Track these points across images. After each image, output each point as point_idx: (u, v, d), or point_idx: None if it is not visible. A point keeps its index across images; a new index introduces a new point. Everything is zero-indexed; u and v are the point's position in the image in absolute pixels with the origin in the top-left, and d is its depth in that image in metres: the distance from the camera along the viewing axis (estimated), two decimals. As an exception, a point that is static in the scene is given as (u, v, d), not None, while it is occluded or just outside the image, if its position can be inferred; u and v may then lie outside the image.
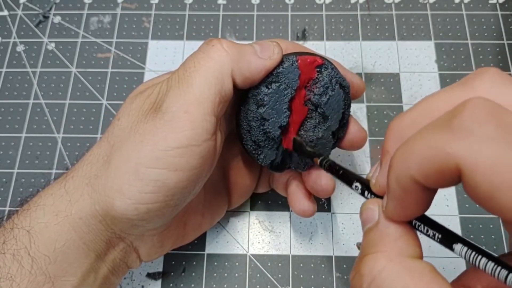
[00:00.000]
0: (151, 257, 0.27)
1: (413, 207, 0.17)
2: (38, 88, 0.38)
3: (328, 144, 0.27)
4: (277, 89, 0.25)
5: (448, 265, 0.31)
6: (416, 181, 0.16)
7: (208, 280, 0.32)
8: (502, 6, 0.40)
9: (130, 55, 0.39)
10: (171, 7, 0.41)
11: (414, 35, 0.39)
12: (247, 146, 0.26)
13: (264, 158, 0.27)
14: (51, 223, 0.23)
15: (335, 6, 0.41)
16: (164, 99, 0.23)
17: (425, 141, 0.16)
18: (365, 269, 0.17)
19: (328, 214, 0.33)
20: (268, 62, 0.24)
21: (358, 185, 0.21)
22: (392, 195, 0.17)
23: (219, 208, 0.30)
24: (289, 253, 0.32)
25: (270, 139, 0.26)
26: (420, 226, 0.18)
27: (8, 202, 0.34)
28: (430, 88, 0.37)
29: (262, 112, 0.25)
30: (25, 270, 0.22)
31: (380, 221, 0.18)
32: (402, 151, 0.17)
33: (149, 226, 0.24)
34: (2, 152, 0.36)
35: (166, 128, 0.22)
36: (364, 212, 0.19)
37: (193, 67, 0.23)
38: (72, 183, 0.24)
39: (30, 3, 0.41)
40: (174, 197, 0.23)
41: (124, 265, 0.26)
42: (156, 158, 0.22)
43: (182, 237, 0.28)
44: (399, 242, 0.18)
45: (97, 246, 0.23)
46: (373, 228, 0.18)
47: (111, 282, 0.25)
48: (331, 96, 0.26)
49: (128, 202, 0.22)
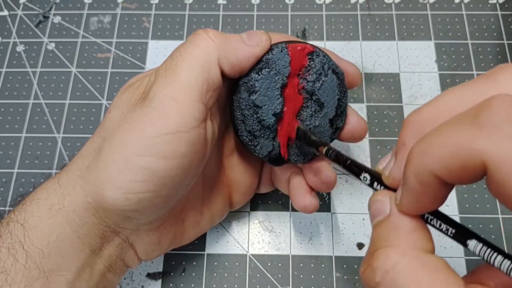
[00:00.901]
0: (150, 255, 0.27)
1: (429, 202, 0.17)
2: (38, 88, 0.38)
3: (326, 132, 0.27)
4: (267, 75, 0.25)
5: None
6: (436, 176, 0.16)
7: (208, 280, 0.32)
8: (502, 6, 0.40)
9: (130, 55, 0.39)
10: (171, 7, 0.41)
11: (414, 35, 0.39)
12: (243, 137, 0.26)
13: (261, 149, 0.26)
14: (44, 216, 0.23)
15: (335, 6, 0.41)
16: (151, 88, 0.23)
17: (449, 136, 0.15)
18: (378, 263, 0.17)
19: (328, 214, 0.33)
20: (256, 48, 0.24)
21: (367, 176, 0.20)
22: (409, 189, 0.17)
23: (219, 207, 0.29)
24: (289, 253, 0.32)
25: (265, 127, 0.25)
26: (433, 220, 0.18)
27: (8, 202, 0.34)
28: (430, 88, 0.37)
29: (254, 99, 0.25)
30: (19, 264, 0.22)
31: (392, 214, 0.18)
32: (423, 145, 0.16)
33: (142, 219, 0.24)
34: (2, 152, 0.36)
35: (153, 115, 0.22)
36: (374, 204, 0.19)
37: (179, 56, 0.23)
38: (65, 177, 0.24)
39: (30, 3, 0.42)
40: (164, 187, 0.22)
41: (121, 262, 0.25)
42: (145, 146, 0.22)
43: (181, 234, 0.28)
44: (413, 235, 0.17)
45: (92, 241, 0.23)
46: (385, 221, 0.18)
47: (109, 280, 0.25)
48: (324, 81, 0.26)
49: (118, 192, 0.22)
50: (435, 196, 0.17)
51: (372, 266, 0.17)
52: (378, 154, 0.35)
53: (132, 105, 0.23)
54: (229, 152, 0.29)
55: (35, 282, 0.22)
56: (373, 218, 0.19)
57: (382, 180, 0.20)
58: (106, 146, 0.23)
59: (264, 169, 0.31)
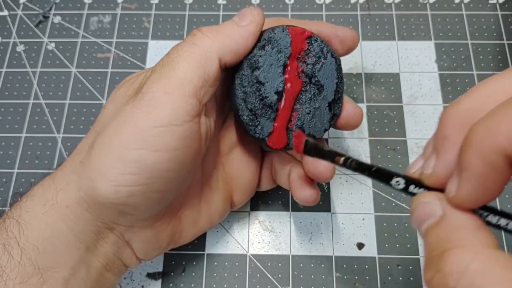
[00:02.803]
0: (148, 254, 0.26)
1: (494, 188, 0.16)
2: (38, 88, 0.38)
3: (325, 116, 0.27)
4: (270, 51, 0.25)
5: (448, 265, 0.31)
6: (507, 156, 0.15)
7: (208, 280, 0.32)
8: (502, 6, 0.40)
9: (130, 55, 0.39)
10: (171, 7, 0.41)
11: (414, 35, 0.39)
12: (243, 117, 0.26)
13: (261, 130, 0.26)
14: (38, 212, 0.23)
15: (335, 6, 0.41)
16: (145, 82, 0.23)
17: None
18: (451, 266, 0.15)
19: (328, 214, 0.33)
20: (251, 26, 0.24)
21: (400, 180, 0.19)
22: (471, 175, 0.16)
23: (218, 207, 0.29)
24: (289, 253, 0.32)
25: (267, 106, 0.25)
26: (489, 216, 0.16)
27: (8, 202, 0.34)
28: (430, 88, 0.37)
29: (257, 74, 0.25)
30: (14, 261, 0.22)
31: (447, 214, 0.17)
32: (490, 123, 0.15)
33: (137, 214, 0.24)
34: (2, 152, 0.36)
35: (146, 108, 0.22)
36: (419, 208, 0.18)
37: (176, 53, 0.23)
38: (60, 174, 0.24)
39: (30, 3, 0.42)
40: (156, 180, 0.22)
41: (119, 261, 0.25)
42: (137, 138, 0.22)
43: (179, 233, 0.28)
44: (478, 233, 0.16)
45: (87, 238, 0.23)
46: (439, 223, 0.17)
47: (108, 280, 0.25)
48: (324, 63, 0.26)
49: (109, 185, 0.22)
50: (502, 180, 0.16)
51: (443, 270, 0.16)
52: (378, 154, 0.35)
53: (126, 100, 0.24)
54: (228, 150, 0.29)
55: (29, 279, 0.22)
56: (420, 223, 0.18)
57: (419, 183, 0.19)
58: (99, 140, 0.23)
59: (264, 165, 0.31)
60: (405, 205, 0.33)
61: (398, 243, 0.32)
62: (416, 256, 0.32)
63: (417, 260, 0.32)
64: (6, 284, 0.21)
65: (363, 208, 0.33)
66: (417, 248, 0.32)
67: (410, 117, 0.36)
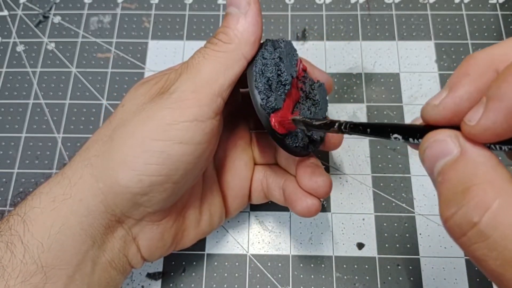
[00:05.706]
0: (152, 253, 0.26)
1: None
2: (38, 88, 0.38)
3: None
4: (288, 43, 0.27)
5: (448, 265, 0.31)
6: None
7: (208, 280, 0.32)
8: (502, 6, 0.40)
9: (130, 55, 0.39)
10: (171, 7, 0.41)
11: (414, 35, 0.39)
12: (258, 84, 0.25)
13: (273, 101, 0.25)
14: (47, 209, 0.23)
15: (335, 6, 0.41)
16: (173, 83, 0.24)
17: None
18: (476, 201, 0.15)
19: (328, 214, 0.33)
20: (251, 6, 0.24)
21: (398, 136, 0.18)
22: (502, 106, 0.15)
23: (217, 209, 0.29)
24: (289, 253, 0.32)
25: (281, 83, 0.26)
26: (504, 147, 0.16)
27: (8, 202, 0.34)
28: (430, 88, 0.37)
29: (279, 53, 0.26)
30: (17, 260, 0.21)
31: (468, 150, 0.16)
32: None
33: (150, 207, 0.24)
34: (2, 152, 0.36)
35: (173, 105, 0.23)
36: (432, 146, 0.17)
37: (202, 57, 0.24)
38: (70, 169, 0.24)
39: (30, 3, 0.41)
40: (177, 172, 0.23)
41: (124, 258, 0.25)
42: (162, 131, 0.22)
43: (182, 233, 0.28)
44: (499, 169, 0.15)
45: (95, 232, 0.23)
46: (458, 160, 0.16)
47: (112, 278, 0.25)
48: (319, 86, 0.28)
49: (132, 174, 0.22)
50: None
51: (467, 205, 0.15)
52: (378, 154, 0.35)
53: (150, 98, 0.24)
54: (222, 154, 0.30)
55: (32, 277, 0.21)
56: (435, 161, 0.17)
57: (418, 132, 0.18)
58: (119, 132, 0.23)
59: (255, 177, 0.31)
60: (405, 205, 0.34)
61: (398, 243, 0.32)
62: (416, 256, 0.32)
63: (417, 260, 0.32)
64: (8, 283, 0.21)
65: (363, 208, 0.33)
66: (417, 248, 0.32)
67: (410, 117, 0.36)
